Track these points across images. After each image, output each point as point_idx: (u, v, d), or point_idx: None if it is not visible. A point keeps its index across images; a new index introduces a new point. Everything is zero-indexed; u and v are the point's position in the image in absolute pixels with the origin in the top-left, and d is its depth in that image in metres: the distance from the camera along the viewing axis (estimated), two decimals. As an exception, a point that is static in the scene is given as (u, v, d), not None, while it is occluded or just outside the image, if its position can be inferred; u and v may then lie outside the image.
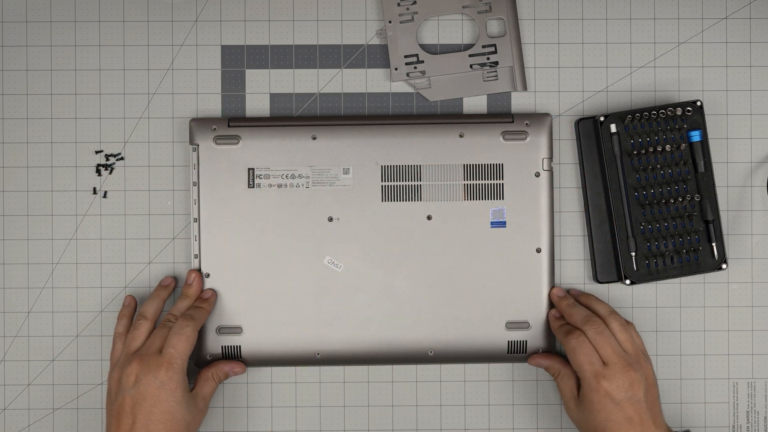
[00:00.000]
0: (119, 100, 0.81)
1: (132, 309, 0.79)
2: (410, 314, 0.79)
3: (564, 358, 0.78)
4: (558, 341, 0.79)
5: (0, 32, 0.81)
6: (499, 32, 0.81)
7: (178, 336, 0.73)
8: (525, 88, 0.81)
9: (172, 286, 0.80)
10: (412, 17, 0.80)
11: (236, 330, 0.79)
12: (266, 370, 0.81)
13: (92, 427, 0.81)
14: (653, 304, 0.82)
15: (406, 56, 0.80)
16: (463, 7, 0.81)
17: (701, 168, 0.79)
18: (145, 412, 0.71)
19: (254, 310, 0.79)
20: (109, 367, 0.76)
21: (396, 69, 0.80)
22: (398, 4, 0.80)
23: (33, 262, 0.81)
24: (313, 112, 0.82)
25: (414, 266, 0.79)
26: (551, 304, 0.79)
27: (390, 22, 0.80)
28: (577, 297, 0.79)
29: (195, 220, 0.79)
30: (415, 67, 0.81)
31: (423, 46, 0.81)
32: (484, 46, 0.81)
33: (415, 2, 0.80)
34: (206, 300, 0.78)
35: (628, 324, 0.76)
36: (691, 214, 0.79)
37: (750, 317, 0.82)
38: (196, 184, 0.79)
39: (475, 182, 0.79)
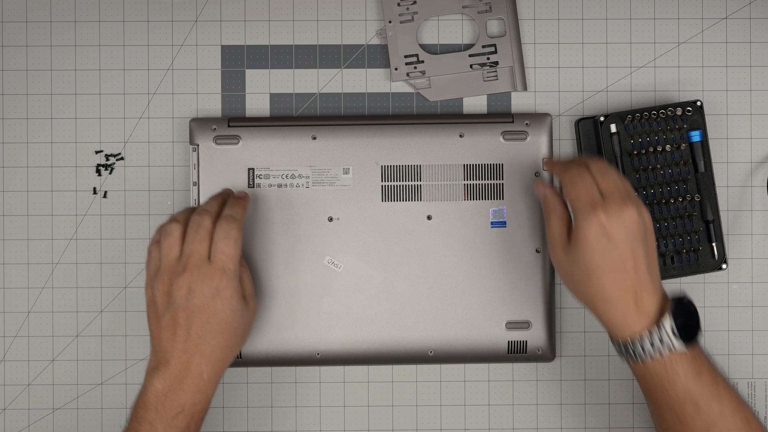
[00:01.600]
0: (119, 100, 0.81)
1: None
2: (410, 314, 0.79)
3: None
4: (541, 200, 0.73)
5: (0, 32, 0.81)
6: (499, 32, 0.81)
7: (225, 240, 0.69)
8: (525, 88, 0.81)
9: (223, 199, 0.74)
10: (412, 17, 0.80)
11: (236, 330, 0.79)
12: (266, 370, 0.81)
13: (92, 427, 0.81)
14: (653, 304, 0.82)
15: (406, 56, 0.80)
16: (463, 7, 0.81)
17: (701, 168, 0.79)
18: (201, 323, 0.67)
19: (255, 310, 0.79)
20: (147, 279, 0.71)
21: (396, 69, 0.80)
22: (398, 4, 0.80)
23: (33, 262, 0.81)
24: (313, 112, 0.82)
25: (414, 266, 0.79)
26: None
27: (390, 22, 0.80)
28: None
29: (195, 220, 0.79)
30: (415, 67, 0.81)
31: (423, 46, 0.81)
32: (484, 46, 0.81)
33: (415, 2, 0.80)
34: (241, 198, 0.73)
35: None
36: (691, 214, 0.79)
37: (750, 317, 0.82)
38: (196, 184, 0.79)
39: (475, 182, 0.79)
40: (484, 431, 0.82)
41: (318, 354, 0.79)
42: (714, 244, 0.79)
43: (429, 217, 0.79)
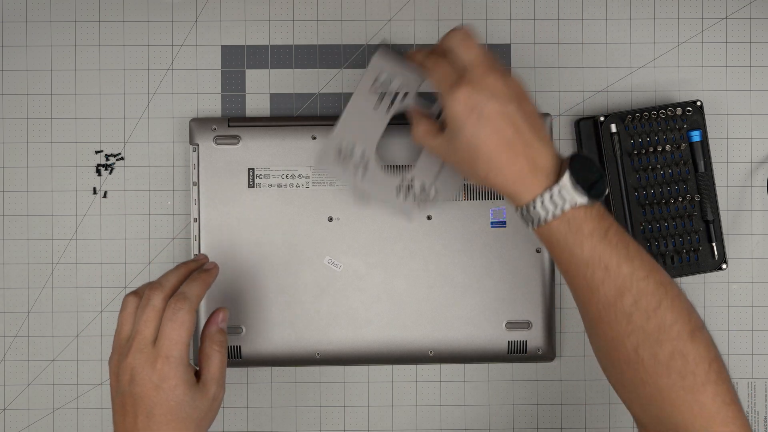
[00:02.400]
0: (119, 100, 0.81)
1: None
2: (410, 314, 0.79)
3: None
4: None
5: (0, 32, 0.81)
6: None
7: (171, 323, 0.63)
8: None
9: (199, 264, 0.70)
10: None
11: (236, 330, 0.79)
12: (266, 370, 0.81)
13: (92, 427, 0.81)
14: (653, 304, 0.82)
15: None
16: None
17: (701, 168, 0.79)
18: (146, 413, 0.63)
19: (254, 310, 0.79)
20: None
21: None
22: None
23: (33, 262, 0.81)
24: (313, 112, 0.82)
25: (414, 266, 0.79)
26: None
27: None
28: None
29: (195, 220, 0.79)
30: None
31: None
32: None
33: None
34: (206, 271, 0.68)
35: None
36: (691, 214, 0.79)
37: (750, 317, 0.82)
38: (196, 184, 0.79)
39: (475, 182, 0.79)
40: (484, 431, 0.82)
41: (318, 354, 0.79)
42: (714, 244, 0.79)
43: (429, 217, 0.79)
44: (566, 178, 0.61)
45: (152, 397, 0.63)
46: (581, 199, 0.61)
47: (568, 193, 0.61)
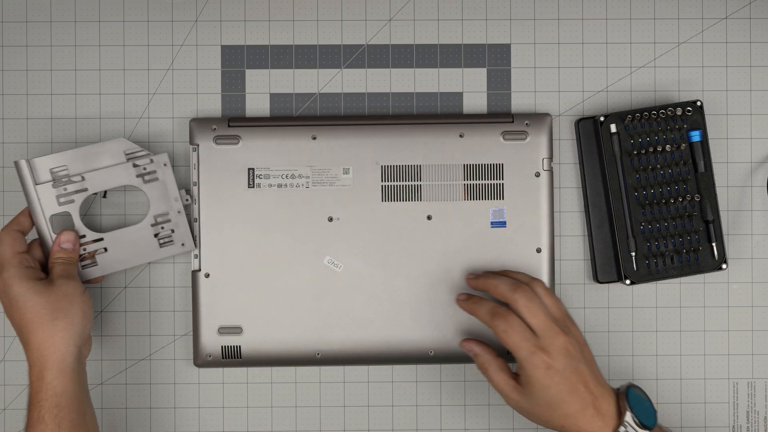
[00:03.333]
0: (119, 100, 0.81)
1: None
2: (410, 314, 0.79)
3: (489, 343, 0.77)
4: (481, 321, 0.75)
5: (0, 32, 0.81)
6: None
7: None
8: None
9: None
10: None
11: (236, 330, 0.79)
12: (266, 370, 0.81)
13: (92, 427, 0.81)
14: (653, 304, 0.82)
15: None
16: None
17: (701, 168, 0.79)
18: (10, 317, 0.74)
19: (254, 310, 0.79)
20: None
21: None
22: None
23: (33, 262, 0.81)
24: (313, 112, 0.82)
25: (414, 266, 0.79)
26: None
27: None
28: (485, 278, 0.77)
29: (195, 220, 0.79)
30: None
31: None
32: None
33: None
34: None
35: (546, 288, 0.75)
36: (691, 214, 0.79)
37: (750, 317, 0.82)
38: (196, 184, 0.79)
39: (475, 182, 0.79)
40: (484, 431, 0.82)
41: (318, 354, 0.79)
42: (714, 244, 0.79)
43: (429, 217, 0.79)
44: (630, 419, 0.70)
45: (5, 302, 0.74)
46: (642, 431, 0.71)
47: (633, 429, 0.70)
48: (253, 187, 0.79)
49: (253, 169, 0.79)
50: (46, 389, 0.71)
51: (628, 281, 0.79)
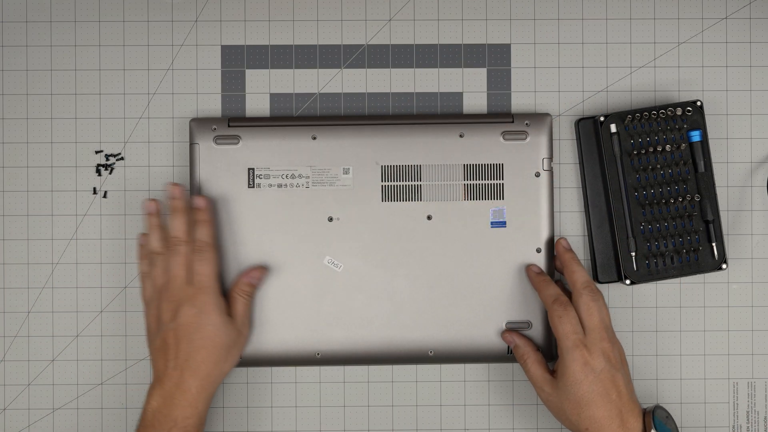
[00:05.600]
0: (119, 100, 0.82)
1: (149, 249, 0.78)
2: (410, 314, 0.79)
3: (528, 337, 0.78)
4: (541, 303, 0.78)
5: (0, 32, 0.81)
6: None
7: (200, 262, 0.75)
8: None
9: (158, 208, 0.78)
10: None
11: (236, 330, 0.79)
12: (266, 370, 0.81)
13: (92, 427, 0.81)
14: (653, 304, 0.82)
15: None
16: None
17: (701, 168, 0.79)
18: (187, 340, 0.73)
19: (254, 310, 0.79)
20: (144, 307, 0.77)
21: None
22: None
23: (33, 262, 0.81)
24: (313, 112, 0.82)
25: (414, 266, 0.79)
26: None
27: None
28: (572, 256, 0.79)
29: (195, 220, 0.79)
30: None
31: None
32: None
33: None
34: (202, 210, 0.77)
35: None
36: (691, 214, 0.79)
37: (750, 317, 0.82)
38: (197, 184, 0.79)
39: (475, 182, 0.79)
40: (484, 431, 0.82)
41: (318, 354, 0.79)
42: (714, 244, 0.79)
43: (429, 217, 0.79)
44: None
45: (194, 324, 0.73)
46: None
47: None
48: (253, 187, 0.79)
49: (253, 169, 0.79)
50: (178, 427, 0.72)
51: (628, 281, 0.79)
